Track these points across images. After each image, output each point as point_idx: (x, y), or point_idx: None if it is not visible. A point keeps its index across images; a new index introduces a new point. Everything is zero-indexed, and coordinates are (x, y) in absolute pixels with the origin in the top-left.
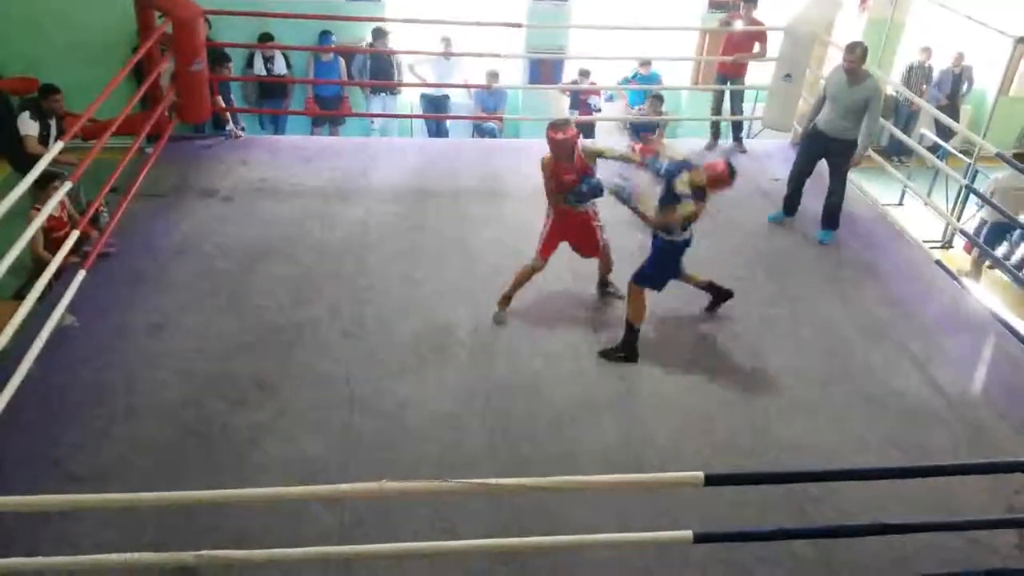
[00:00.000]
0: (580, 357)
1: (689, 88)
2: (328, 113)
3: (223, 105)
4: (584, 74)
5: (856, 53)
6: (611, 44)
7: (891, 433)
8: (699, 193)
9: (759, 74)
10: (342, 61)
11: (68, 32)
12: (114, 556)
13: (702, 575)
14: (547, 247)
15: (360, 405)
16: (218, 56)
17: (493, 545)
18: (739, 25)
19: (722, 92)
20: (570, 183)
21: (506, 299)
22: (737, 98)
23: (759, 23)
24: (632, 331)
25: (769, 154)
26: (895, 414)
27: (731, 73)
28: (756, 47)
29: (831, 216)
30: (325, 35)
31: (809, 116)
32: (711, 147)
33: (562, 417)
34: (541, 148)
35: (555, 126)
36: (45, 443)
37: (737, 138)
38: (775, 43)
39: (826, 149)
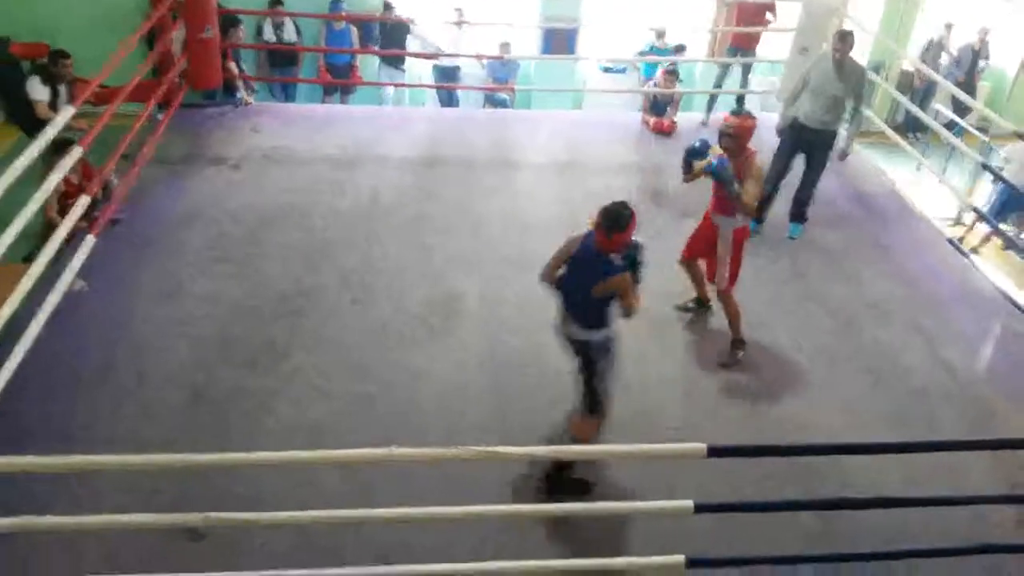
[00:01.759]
0: None
1: (704, 60)
2: (338, 82)
3: (235, 71)
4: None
5: (847, 43)
6: (627, 15)
7: (898, 409)
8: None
9: (769, 46)
10: (354, 30)
11: None
12: (123, 517)
13: (702, 546)
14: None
15: (369, 372)
16: (228, 21)
17: (500, 511)
18: None
19: (727, 66)
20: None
21: (740, 341)
22: (746, 70)
23: None
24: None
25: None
26: (902, 391)
27: (743, 45)
28: (768, 16)
29: (801, 208)
30: (336, 3)
31: (784, 112)
32: (706, 122)
33: (568, 389)
34: (553, 118)
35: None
36: (55, 407)
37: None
38: (790, 15)
39: (808, 142)
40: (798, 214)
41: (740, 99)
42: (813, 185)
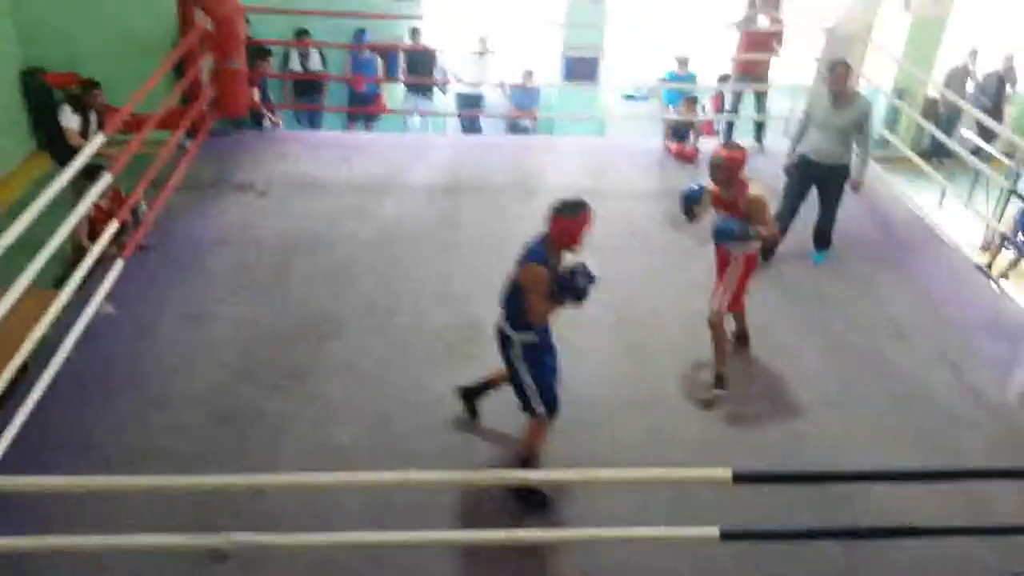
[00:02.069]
0: (607, 355)
1: (720, 87)
2: (363, 110)
3: (258, 100)
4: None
5: (838, 72)
6: (648, 43)
7: (924, 435)
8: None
9: (780, 73)
10: (379, 59)
11: (111, 28)
12: (147, 537)
13: (729, 574)
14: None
15: (390, 396)
16: (258, 51)
17: (519, 538)
18: (762, 22)
19: (740, 93)
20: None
21: (722, 377)
22: (760, 98)
23: (780, 21)
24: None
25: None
26: (928, 416)
27: (751, 72)
28: (776, 46)
29: (823, 236)
30: (360, 33)
31: (792, 147)
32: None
33: (588, 415)
34: (575, 145)
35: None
36: (81, 428)
37: (758, 138)
38: (810, 43)
39: (820, 178)
40: (822, 241)
41: (759, 126)
42: (832, 215)
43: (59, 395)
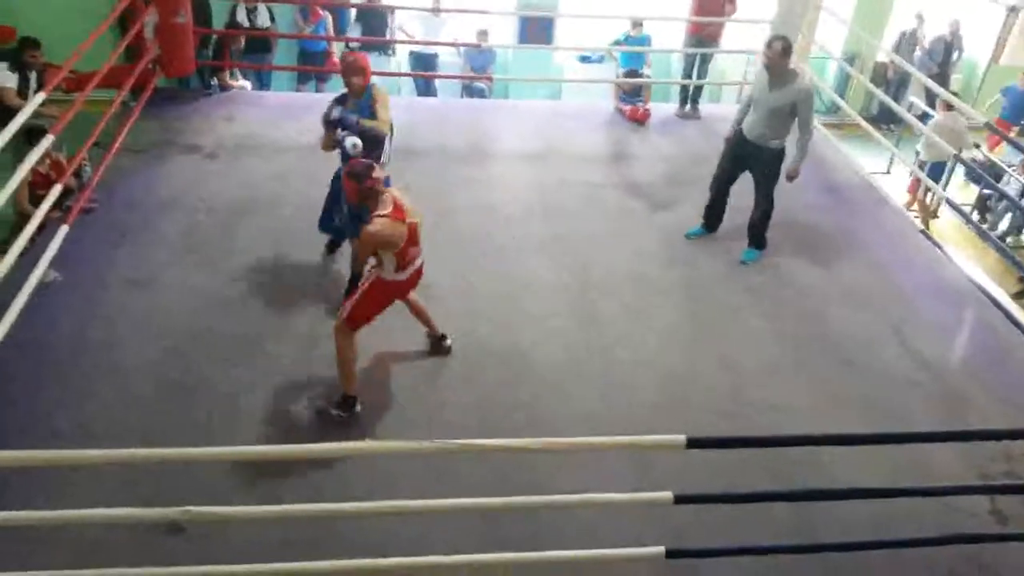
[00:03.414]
0: (562, 320)
1: (671, 51)
2: (313, 69)
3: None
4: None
5: (774, 48)
6: (602, 3)
7: (869, 397)
8: None
9: (732, 38)
10: (329, 17)
11: None
12: (101, 511)
13: (681, 536)
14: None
15: None
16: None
17: (475, 505)
18: None
19: (694, 56)
20: None
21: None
22: (705, 61)
23: None
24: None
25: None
26: (873, 379)
27: (705, 36)
28: (726, 8)
29: (755, 234)
30: None
31: (736, 118)
32: (681, 114)
33: (545, 379)
34: (530, 108)
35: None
36: (29, 399)
37: (695, 101)
38: (768, 4)
39: (750, 158)
40: (752, 239)
41: (698, 90)
42: (762, 208)
43: (5, 365)
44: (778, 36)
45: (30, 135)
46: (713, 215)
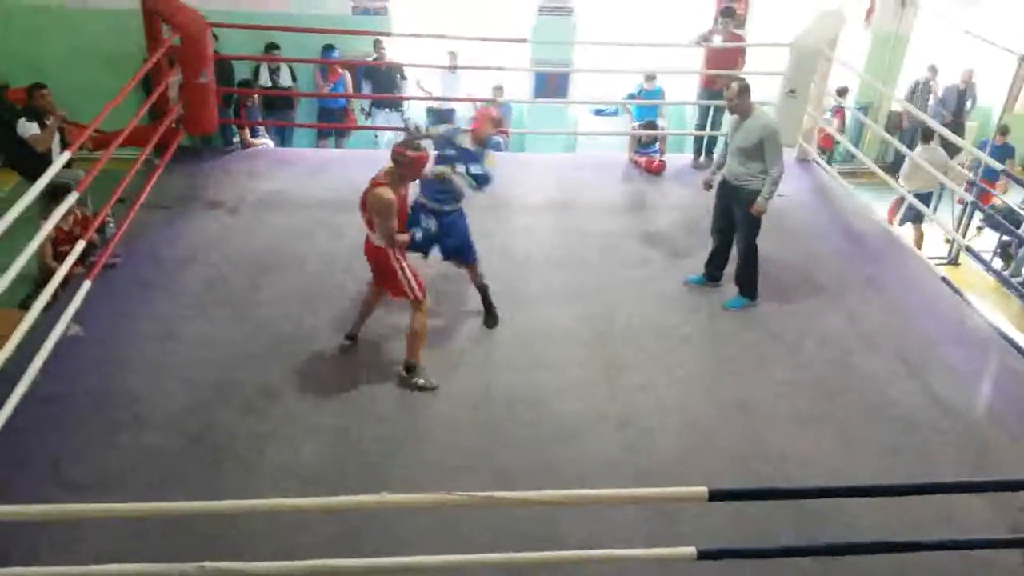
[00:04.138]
0: (583, 369)
1: (684, 103)
2: (332, 126)
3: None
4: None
5: (732, 89)
6: (616, 58)
7: (894, 446)
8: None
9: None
10: (348, 75)
11: (76, 43)
12: (114, 567)
13: None
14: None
15: (364, 414)
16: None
17: (494, 560)
18: (717, 40)
19: (708, 107)
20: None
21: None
22: (719, 112)
23: (739, 38)
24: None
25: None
26: (896, 426)
27: (714, 88)
28: (739, 61)
29: (740, 281)
30: (328, 49)
31: (716, 162)
32: (696, 165)
33: (565, 430)
34: (546, 161)
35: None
36: (48, 451)
37: (709, 152)
38: (776, 59)
39: (731, 199)
40: (739, 285)
41: (712, 141)
42: (741, 251)
43: (25, 418)
44: (736, 78)
45: (54, 193)
46: (713, 263)
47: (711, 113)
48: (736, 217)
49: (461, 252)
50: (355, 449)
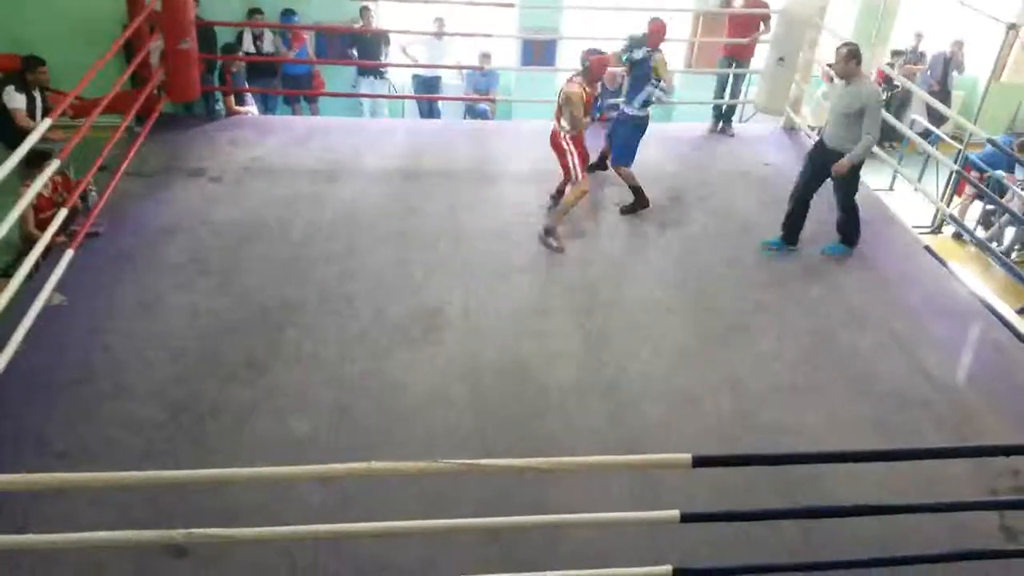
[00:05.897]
0: (570, 340)
1: (685, 71)
2: (307, 92)
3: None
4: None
5: (840, 53)
6: (605, 25)
7: (876, 415)
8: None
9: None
10: (307, 39)
11: (55, 10)
12: (102, 534)
13: (688, 555)
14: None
15: (350, 385)
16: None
17: (481, 524)
18: (738, 4)
19: (727, 75)
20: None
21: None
22: (739, 81)
23: (762, 3)
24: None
25: (761, 138)
26: (880, 397)
27: (737, 55)
28: (761, 27)
29: (842, 231)
30: (288, 14)
31: (821, 128)
32: (714, 131)
33: (551, 399)
34: (534, 129)
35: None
36: (32, 421)
37: (728, 121)
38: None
39: (822, 161)
40: (840, 234)
41: (731, 108)
42: (842, 207)
43: (9, 388)
44: (845, 43)
45: (34, 160)
46: (793, 226)
47: (730, 81)
48: (833, 179)
49: (614, 152)
50: (343, 422)
